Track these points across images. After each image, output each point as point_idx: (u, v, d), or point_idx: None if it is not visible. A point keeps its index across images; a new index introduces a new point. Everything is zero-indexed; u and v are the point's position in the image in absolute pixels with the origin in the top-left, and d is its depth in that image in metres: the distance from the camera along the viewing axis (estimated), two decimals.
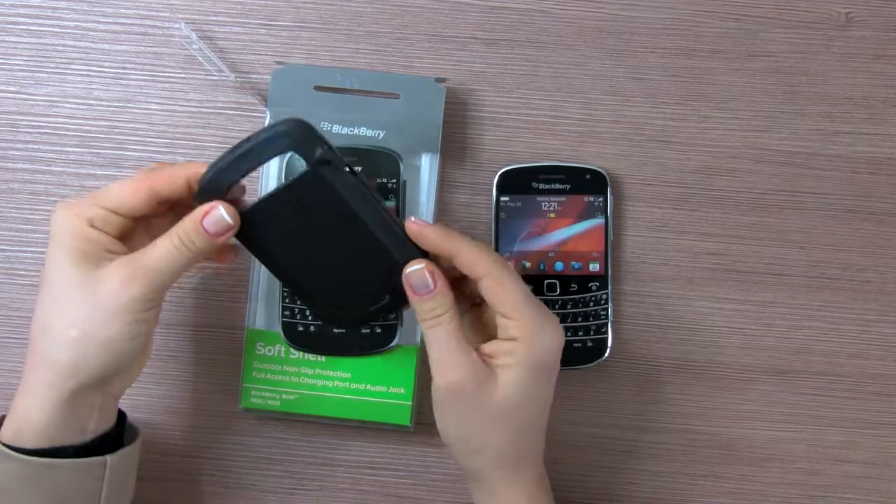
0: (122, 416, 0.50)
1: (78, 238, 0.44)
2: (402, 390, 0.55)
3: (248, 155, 0.44)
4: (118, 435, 0.49)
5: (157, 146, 0.57)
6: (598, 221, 0.55)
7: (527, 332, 0.45)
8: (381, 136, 0.55)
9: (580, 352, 0.55)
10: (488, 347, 0.46)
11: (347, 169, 0.45)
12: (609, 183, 0.55)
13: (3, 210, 0.57)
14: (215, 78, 0.57)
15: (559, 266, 0.55)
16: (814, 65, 0.58)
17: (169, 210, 0.48)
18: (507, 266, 0.46)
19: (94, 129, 0.57)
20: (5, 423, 0.46)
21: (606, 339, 0.56)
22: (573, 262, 0.55)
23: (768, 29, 0.58)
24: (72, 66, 0.58)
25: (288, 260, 0.47)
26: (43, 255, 0.56)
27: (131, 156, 0.57)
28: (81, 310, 0.44)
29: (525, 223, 0.55)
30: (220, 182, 0.45)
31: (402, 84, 0.55)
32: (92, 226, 0.44)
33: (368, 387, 0.55)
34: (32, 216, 0.57)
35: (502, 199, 0.55)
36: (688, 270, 0.57)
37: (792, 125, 0.58)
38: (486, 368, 0.45)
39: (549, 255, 0.55)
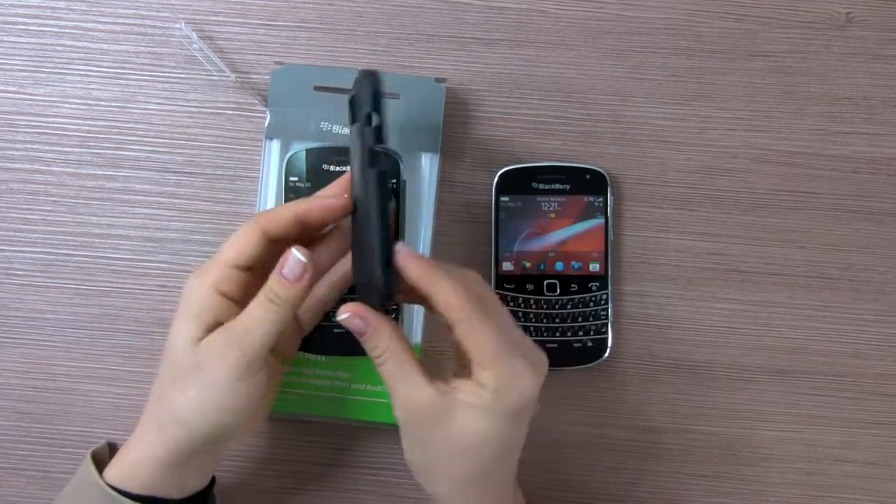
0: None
1: (203, 309, 0.44)
2: None
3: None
4: (204, 495, 0.50)
5: (156, 146, 0.57)
6: (598, 221, 0.55)
7: (499, 383, 0.43)
8: None
9: (580, 352, 0.55)
10: (457, 381, 0.44)
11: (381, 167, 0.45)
12: (609, 183, 0.55)
13: (2, 210, 0.57)
14: (215, 78, 0.57)
15: (559, 266, 0.55)
16: (814, 65, 0.58)
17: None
18: (484, 310, 0.43)
19: (94, 129, 0.57)
20: (111, 467, 0.47)
21: (606, 339, 0.56)
22: (573, 262, 0.55)
23: (768, 29, 0.58)
24: (71, 66, 0.57)
25: None
26: (42, 256, 0.57)
27: (130, 156, 0.57)
28: (193, 379, 0.44)
29: (525, 223, 0.55)
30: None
31: (402, 84, 0.55)
32: (218, 291, 0.44)
33: (368, 387, 0.55)
34: (31, 216, 0.57)
35: (502, 199, 0.55)
36: (688, 270, 0.57)
37: (792, 125, 0.58)
38: (443, 400, 0.43)
39: (550, 255, 0.55)
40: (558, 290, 0.55)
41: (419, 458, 0.46)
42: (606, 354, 0.56)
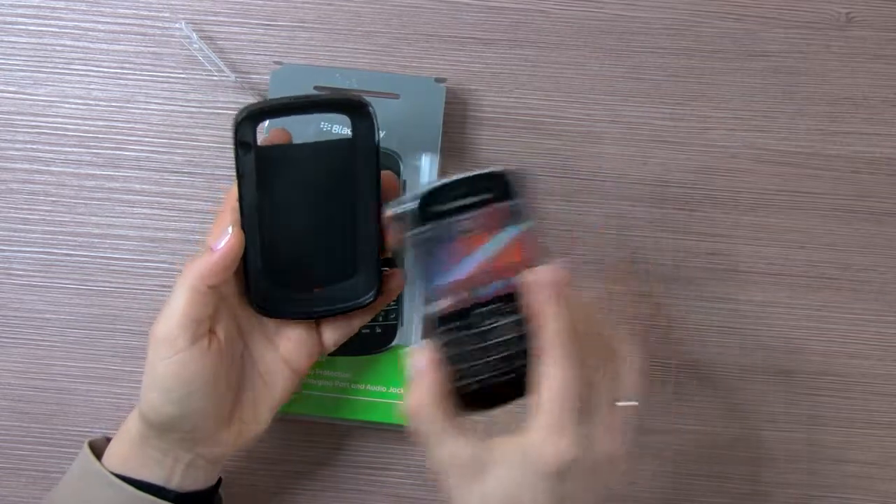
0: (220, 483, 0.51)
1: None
2: (402, 390, 0.55)
3: (301, 99, 0.46)
4: (209, 496, 0.50)
5: (155, 146, 0.57)
6: (522, 227, 0.45)
7: (538, 435, 0.40)
8: (381, 136, 0.55)
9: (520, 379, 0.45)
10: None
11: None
12: (512, 182, 0.45)
13: (2, 210, 0.57)
14: (215, 78, 0.57)
15: (495, 286, 0.45)
16: (814, 65, 0.58)
17: None
18: (573, 349, 0.40)
19: (93, 129, 0.57)
20: (105, 455, 0.48)
21: None
22: (508, 277, 0.45)
23: (768, 29, 0.58)
24: (71, 66, 0.57)
25: (270, 215, 0.47)
26: (41, 256, 0.57)
27: (130, 156, 0.57)
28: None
29: (444, 251, 0.45)
30: (260, 111, 0.45)
31: (401, 84, 0.55)
32: (210, 286, 0.45)
33: (369, 387, 0.55)
34: (31, 216, 0.57)
35: (413, 231, 0.44)
36: (688, 270, 0.57)
37: (792, 125, 0.58)
38: (477, 455, 0.41)
39: (481, 276, 0.45)
40: (507, 311, 0.45)
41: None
42: None
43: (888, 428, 0.57)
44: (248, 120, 0.45)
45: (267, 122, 0.55)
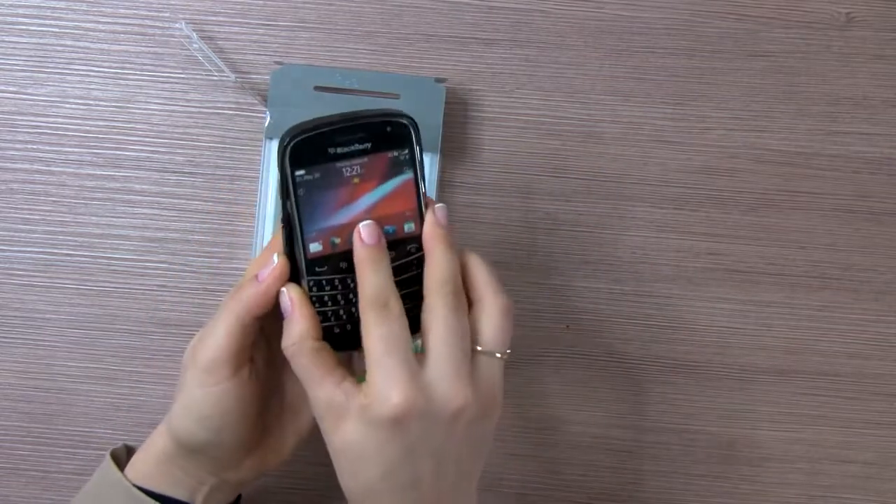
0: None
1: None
2: None
3: (346, 117, 0.43)
4: None
5: (156, 146, 0.57)
6: (407, 176, 0.45)
7: (370, 389, 0.41)
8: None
9: (414, 322, 0.45)
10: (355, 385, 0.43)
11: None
12: (412, 131, 0.45)
13: (3, 210, 0.57)
14: (215, 78, 0.57)
15: None
16: (814, 65, 0.58)
17: None
18: (381, 310, 0.42)
19: (94, 129, 0.57)
20: (128, 466, 0.48)
21: None
22: (387, 227, 0.45)
23: (768, 29, 0.58)
24: (71, 67, 0.57)
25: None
26: (42, 256, 0.57)
27: (130, 156, 0.57)
28: (179, 382, 0.46)
29: (328, 195, 0.45)
30: (303, 132, 0.43)
31: (402, 84, 0.55)
32: (255, 317, 0.44)
33: None
34: (32, 216, 0.57)
35: (297, 173, 0.44)
36: (688, 270, 0.57)
37: (792, 125, 0.58)
38: (342, 403, 0.42)
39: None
40: None
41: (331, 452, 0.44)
42: None
43: (888, 428, 0.57)
44: (294, 143, 0.43)
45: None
